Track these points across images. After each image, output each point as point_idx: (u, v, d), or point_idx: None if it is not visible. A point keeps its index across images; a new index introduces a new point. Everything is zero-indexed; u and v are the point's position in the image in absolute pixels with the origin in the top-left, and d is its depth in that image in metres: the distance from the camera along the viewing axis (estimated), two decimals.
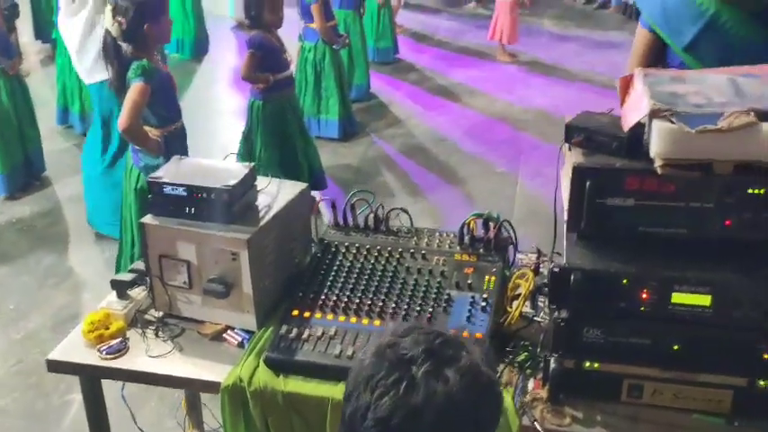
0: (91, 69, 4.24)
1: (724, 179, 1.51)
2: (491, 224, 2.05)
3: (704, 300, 1.53)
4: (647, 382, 1.63)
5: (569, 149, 1.69)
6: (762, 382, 1.57)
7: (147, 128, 3.07)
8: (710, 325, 1.54)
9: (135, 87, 2.97)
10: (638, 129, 1.59)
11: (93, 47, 4.14)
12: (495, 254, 2.02)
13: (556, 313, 1.61)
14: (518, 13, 8.28)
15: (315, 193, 4.93)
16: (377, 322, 1.84)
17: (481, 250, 2.03)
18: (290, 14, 5.77)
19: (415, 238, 2.11)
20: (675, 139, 1.46)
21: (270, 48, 4.32)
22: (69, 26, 4.29)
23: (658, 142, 1.48)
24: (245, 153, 4.66)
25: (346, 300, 1.90)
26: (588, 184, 1.57)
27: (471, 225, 2.06)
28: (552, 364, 1.64)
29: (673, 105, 1.50)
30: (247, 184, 1.90)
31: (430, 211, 4.92)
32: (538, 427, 1.63)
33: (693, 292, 1.53)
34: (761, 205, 1.54)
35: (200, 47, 8.45)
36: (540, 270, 2.07)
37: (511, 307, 1.90)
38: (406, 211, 2.16)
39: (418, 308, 1.86)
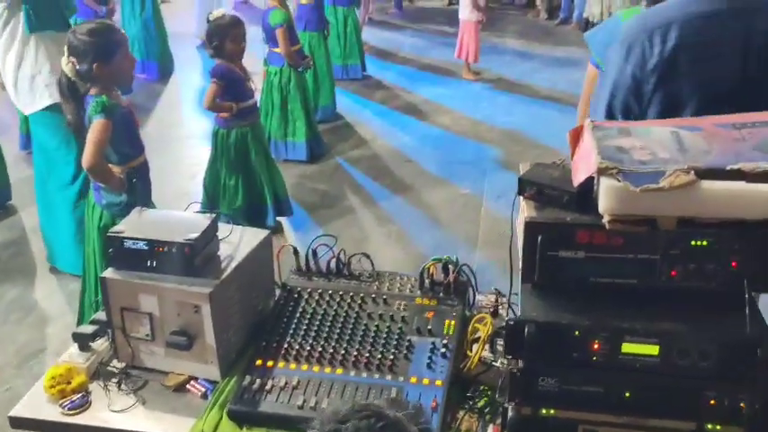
0: (24, 101, 4.26)
1: (668, 232, 1.57)
2: (450, 267, 2.10)
3: (652, 349, 1.58)
4: (601, 428, 1.67)
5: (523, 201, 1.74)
6: (709, 426, 1.62)
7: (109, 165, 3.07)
8: (659, 373, 1.60)
9: (96, 124, 2.96)
10: (589, 182, 1.64)
11: (24, 79, 4.18)
12: (455, 297, 2.07)
13: (512, 363, 1.65)
14: (479, 31, 8.40)
15: (281, 220, 5.00)
16: (339, 370, 1.87)
17: (441, 294, 2.08)
18: (256, 33, 5.81)
19: (377, 282, 2.15)
20: (621, 197, 1.51)
21: (233, 77, 4.35)
22: (4, 62, 4.30)
23: (605, 199, 1.53)
24: (211, 181, 4.68)
25: (309, 348, 1.93)
26: (540, 238, 1.62)
27: (431, 269, 2.10)
28: (510, 412, 1.68)
29: (619, 163, 1.56)
30: (209, 235, 1.92)
31: (396, 235, 4.97)
32: None
33: (642, 343, 1.58)
34: (704, 256, 1.60)
35: (165, 68, 8.42)
36: (500, 312, 2.13)
37: (471, 351, 1.95)
38: (367, 256, 2.19)
39: (380, 355, 1.89)
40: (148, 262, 1.87)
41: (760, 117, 1.77)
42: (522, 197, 1.74)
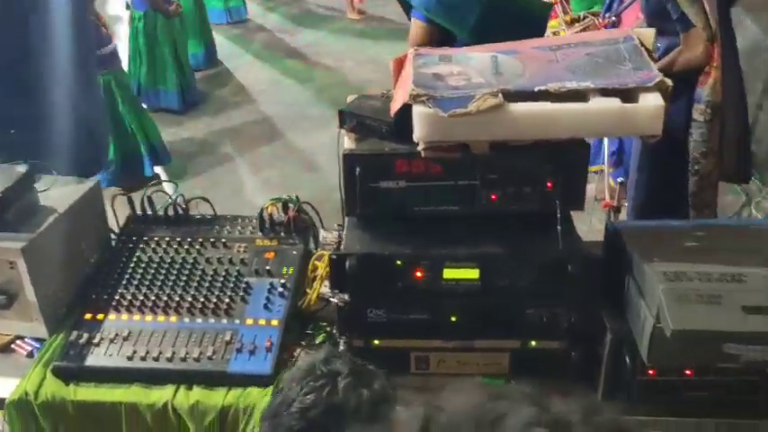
0: None
1: (484, 157, 1.58)
2: (291, 207, 2.06)
3: (472, 273, 1.60)
4: (432, 353, 1.70)
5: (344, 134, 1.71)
6: (533, 342, 1.68)
7: None
8: (481, 296, 1.62)
9: None
10: (408, 111, 1.62)
11: None
12: (296, 236, 2.04)
13: (338, 297, 1.64)
14: None
15: (158, 170, 4.83)
16: (173, 318, 1.82)
17: (282, 234, 2.04)
18: None
19: (217, 226, 2.09)
20: (431, 123, 1.50)
21: None
22: None
23: (418, 127, 1.52)
24: None
25: (142, 297, 1.86)
26: (359, 170, 1.61)
27: (270, 209, 2.06)
28: (341, 346, 1.68)
29: (431, 90, 1.54)
30: (22, 188, 1.80)
31: (275, 180, 4.89)
32: None
33: (462, 268, 1.60)
34: (520, 179, 1.62)
35: None
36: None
37: (311, 289, 1.93)
38: (207, 200, 2.12)
39: (215, 299, 1.85)
40: None
41: (576, 38, 1.79)
42: (343, 130, 1.71)
